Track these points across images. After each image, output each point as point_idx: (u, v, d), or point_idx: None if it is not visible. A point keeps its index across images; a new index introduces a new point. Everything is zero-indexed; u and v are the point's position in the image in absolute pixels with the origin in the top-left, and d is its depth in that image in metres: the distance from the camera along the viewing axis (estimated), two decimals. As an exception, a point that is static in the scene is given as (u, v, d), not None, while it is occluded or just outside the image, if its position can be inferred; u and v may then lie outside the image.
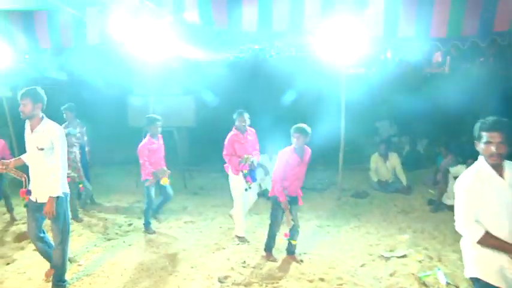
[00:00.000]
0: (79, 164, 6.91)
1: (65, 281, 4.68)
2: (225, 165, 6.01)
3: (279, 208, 5.08)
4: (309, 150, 5.08)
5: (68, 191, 4.52)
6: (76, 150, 6.92)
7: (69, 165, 5.42)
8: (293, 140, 4.93)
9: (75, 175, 6.73)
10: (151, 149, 6.40)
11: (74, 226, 6.68)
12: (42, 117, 4.36)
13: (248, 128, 6.02)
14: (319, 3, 6.94)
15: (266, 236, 5.36)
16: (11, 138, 8.42)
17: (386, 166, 8.26)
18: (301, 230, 6.19)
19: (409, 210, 7.19)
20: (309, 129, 4.91)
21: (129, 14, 7.34)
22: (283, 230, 5.26)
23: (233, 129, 5.96)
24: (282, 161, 4.99)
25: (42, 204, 4.34)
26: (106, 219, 7.03)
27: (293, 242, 5.24)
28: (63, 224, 4.46)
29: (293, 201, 5.10)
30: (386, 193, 8.06)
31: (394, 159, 8.22)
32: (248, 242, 5.93)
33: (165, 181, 6.45)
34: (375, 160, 8.37)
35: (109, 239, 6.23)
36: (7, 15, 8.02)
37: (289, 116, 7.48)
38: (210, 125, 8.80)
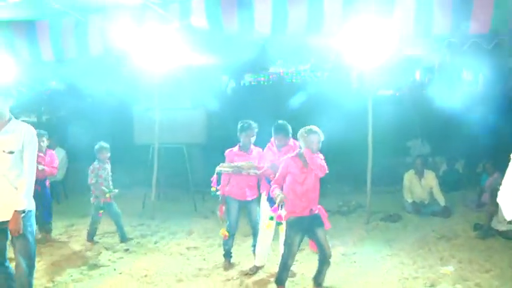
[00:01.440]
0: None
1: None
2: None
3: (294, 234, 4.10)
4: (316, 156, 4.07)
5: (33, 207, 3.70)
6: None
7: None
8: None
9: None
10: None
11: (63, 250, 5.87)
12: (11, 117, 3.62)
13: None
14: (340, 2, 6.04)
15: (278, 267, 4.34)
16: None
17: (421, 185, 7.15)
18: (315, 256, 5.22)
19: (450, 236, 6.02)
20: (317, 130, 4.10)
21: (133, 20, 6.67)
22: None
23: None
24: (281, 167, 4.20)
25: (3, 223, 3.49)
26: (102, 243, 6.14)
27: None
28: (31, 245, 3.65)
29: (314, 221, 4.10)
30: (421, 216, 6.89)
31: (431, 178, 7.09)
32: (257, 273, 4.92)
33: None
34: (409, 178, 7.27)
35: (99, 266, 5.32)
36: (9, 25, 7.44)
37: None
38: (224, 141, 7.89)
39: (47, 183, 6.26)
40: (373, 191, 7.04)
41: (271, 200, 4.66)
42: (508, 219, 2.76)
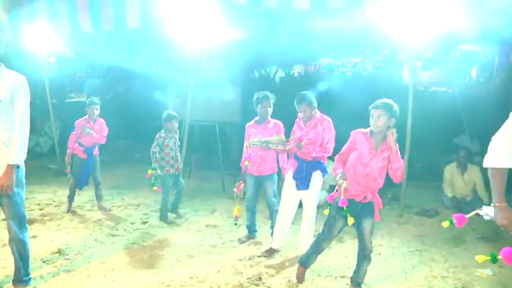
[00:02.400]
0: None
1: (27, 275, 3.64)
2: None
3: (339, 216, 3.63)
4: (392, 144, 3.49)
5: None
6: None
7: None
8: (370, 120, 3.54)
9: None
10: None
11: (82, 218, 5.77)
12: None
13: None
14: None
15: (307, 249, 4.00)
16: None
17: (463, 179, 6.46)
18: (345, 248, 4.79)
19: (493, 237, 5.38)
20: (395, 106, 3.50)
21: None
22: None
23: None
24: (349, 141, 3.72)
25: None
26: (122, 215, 6.04)
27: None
28: (21, 204, 3.44)
29: (365, 209, 3.60)
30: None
31: (475, 173, 6.39)
32: (273, 256, 4.59)
33: None
34: (450, 171, 6.60)
35: (113, 235, 5.21)
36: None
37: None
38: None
39: (95, 151, 6.13)
40: (412, 185, 6.55)
41: (301, 179, 4.33)
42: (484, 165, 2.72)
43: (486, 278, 4.23)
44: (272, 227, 4.92)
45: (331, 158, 6.64)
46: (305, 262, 3.92)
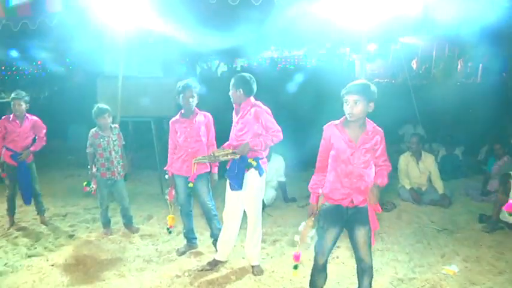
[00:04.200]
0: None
1: None
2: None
3: (328, 226, 2.97)
4: (374, 130, 2.91)
5: None
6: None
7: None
8: (345, 107, 2.86)
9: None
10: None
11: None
12: None
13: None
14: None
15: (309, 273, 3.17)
16: None
17: (419, 168, 5.98)
18: (341, 254, 4.23)
19: (452, 228, 4.94)
20: (373, 87, 2.86)
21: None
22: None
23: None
24: (322, 140, 3.03)
25: None
26: (43, 228, 5.10)
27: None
28: None
29: (356, 216, 2.93)
30: (419, 205, 5.77)
31: (430, 161, 5.94)
32: (217, 269, 3.86)
33: None
34: (405, 160, 6.07)
35: (30, 256, 4.29)
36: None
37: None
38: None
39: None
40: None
41: (233, 178, 3.65)
42: None
43: (453, 276, 3.74)
44: (212, 236, 4.21)
45: (277, 152, 6.08)
46: (313, 285, 3.15)
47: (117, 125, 4.87)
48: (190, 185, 3.90)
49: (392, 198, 5.93)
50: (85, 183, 4.74)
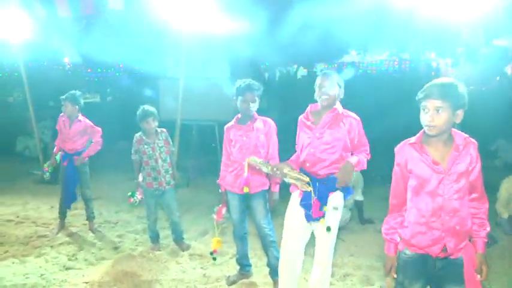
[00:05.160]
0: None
1: None
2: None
3: (410, 281, 2.20)
4: (466, 143, 2.11)
5: None
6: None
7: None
8: (422, 116, 2.13)
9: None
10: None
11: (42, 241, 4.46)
12: None
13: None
14: None
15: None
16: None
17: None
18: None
19: None
20: (461, 88, 2.06)
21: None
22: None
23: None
24: (395, 166, 2.33)
25: None
26: (90, 236, 4.72)
27: None
28: None
29: (442, 271, 2.15)
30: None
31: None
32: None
33: None
34: (508, 186, 4.84)
35: (68, 269, 3.87)
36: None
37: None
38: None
39: (79, 159, 4.74)
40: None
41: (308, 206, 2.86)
42: None
43: None
44: (269, 265, 3.48)
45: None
46: None
47: (164, 130, 4.29)
48: (246, 189, 3.09)
49: (491, 230, 4.76)
50: (129, 193, 4.25)
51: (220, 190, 3.56)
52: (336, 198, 2.82)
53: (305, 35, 7.88)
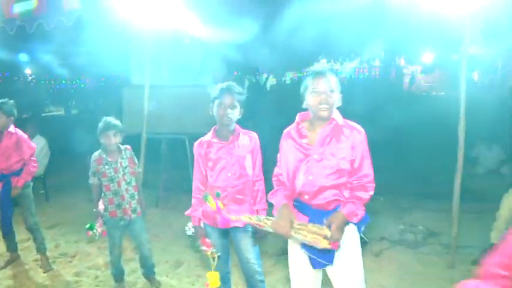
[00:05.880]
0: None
1: None
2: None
3: None
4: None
5: None
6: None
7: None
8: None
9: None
10: None
11: None
12: None
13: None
14: None
15: None
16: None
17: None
18: None
19: None
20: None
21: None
22: None
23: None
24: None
25: None
26: (40, 278, 3.86)
27: None
28: None
29: None
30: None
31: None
32: None
33: None
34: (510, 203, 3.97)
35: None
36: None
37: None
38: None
39: (15, 180, 3.97)
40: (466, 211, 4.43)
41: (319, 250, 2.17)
42: None
43: None
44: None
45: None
46: None
47: (128, 147, 3.56)
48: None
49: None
50: (88, 225, 3.45)
51: (189, 226, 2.84)
52: (348, 235, 2.16)
53: (274, 42, 7.48)
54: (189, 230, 2.85)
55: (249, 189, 2.74)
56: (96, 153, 3.41)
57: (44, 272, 3.96)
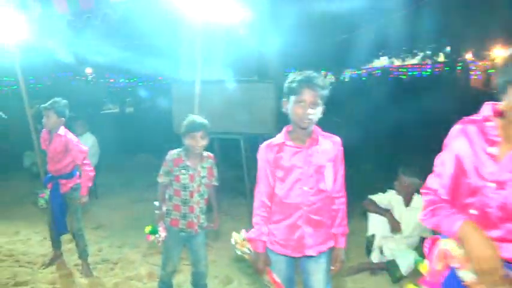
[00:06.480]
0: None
1: None
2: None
3: None
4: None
5: None
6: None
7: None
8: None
9: None
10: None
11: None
12: None
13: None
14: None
15: None
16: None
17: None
18: None
19: None
20: None
21: None
22: None
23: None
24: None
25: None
26: (87, 281, 3.53)
27: None
28: None
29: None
30: None
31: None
32: None
33: None
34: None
35: None
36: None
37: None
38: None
39: (65, 184, 3.75)
40: None
41: None
42: None
43: None
44: None
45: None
46: None
47: (211, 155, 3.02)
48: None
49: None
50: (148, 228, 2.99)
51: (250, 249, 2.27)
52: None
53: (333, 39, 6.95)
54: (239, 250, 2.35)
55: (328, 208, 2.18)
56: (175, 152, 2.90)
57: (85, 277, 3.67)
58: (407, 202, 3.85)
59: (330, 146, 2.14)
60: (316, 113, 2.05)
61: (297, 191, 2.11)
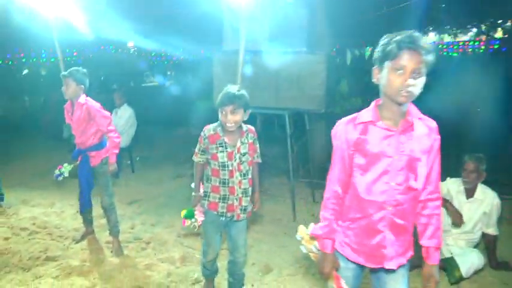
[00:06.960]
0: None
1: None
2: None
3: None
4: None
5: None
6: None
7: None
8: None
9: None
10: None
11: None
12: None
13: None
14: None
15: None
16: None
17: None
18: None
19: None
20: None
21: None
22: None
23: None
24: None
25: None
26: (118, 260, 3.29)
27: None
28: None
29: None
30: None
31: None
32: None
33: None
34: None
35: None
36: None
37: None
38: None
39: (95, 157, 3.52)
40: None
41: None
42: None
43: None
44: None
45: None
46: None
47: (252, 128, 2.64)
48: None
49: None
50: (184, 211, 2.72)
51: (317, 248, 1.90)
52: None
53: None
54: (305, 247, 1.99)
55: (414, 211, 1.74)
56: (210, 127, 2.54)
57: (115, 256, 3.45)
58: (471, 193, 3.36)
59: (425, 132, 1.67)
60: (418, 84, 1.56)
61: (382, 186, 1.67)
